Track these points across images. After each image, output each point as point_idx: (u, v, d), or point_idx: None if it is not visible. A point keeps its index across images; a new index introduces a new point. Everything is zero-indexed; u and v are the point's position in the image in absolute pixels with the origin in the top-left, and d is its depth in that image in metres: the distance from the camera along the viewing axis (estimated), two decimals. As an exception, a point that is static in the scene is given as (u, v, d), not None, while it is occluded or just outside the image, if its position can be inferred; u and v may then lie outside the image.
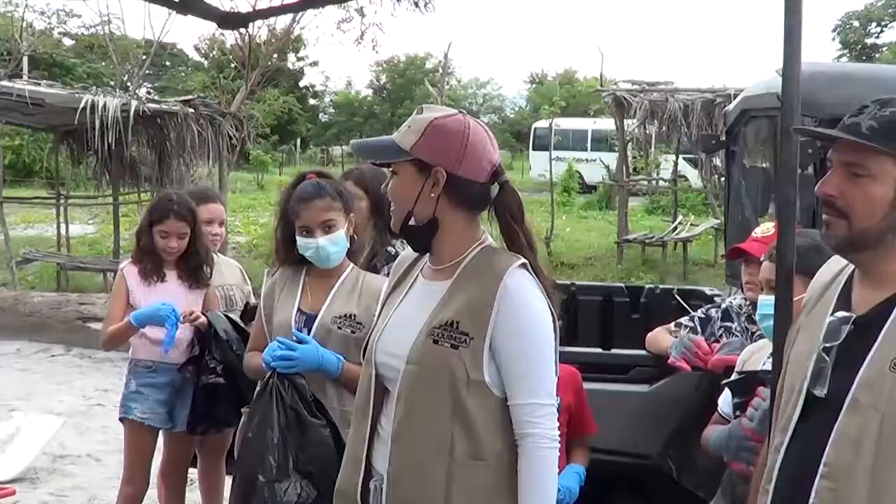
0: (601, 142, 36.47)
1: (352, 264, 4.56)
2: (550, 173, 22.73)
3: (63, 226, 19.71)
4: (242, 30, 20.87)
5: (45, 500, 7.28)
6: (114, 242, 18.80)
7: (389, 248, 4.97)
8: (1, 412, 9.61)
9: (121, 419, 5.60)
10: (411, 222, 3.16)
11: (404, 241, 3.64)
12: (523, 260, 3.10)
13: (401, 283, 3.36)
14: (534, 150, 41.18)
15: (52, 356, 12.54)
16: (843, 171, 2.55)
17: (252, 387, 4.55)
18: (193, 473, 6.25)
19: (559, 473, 4.51)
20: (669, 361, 4.72)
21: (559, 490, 4.43)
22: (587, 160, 36.73)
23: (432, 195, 3.10)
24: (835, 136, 2.58)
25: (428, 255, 3.26)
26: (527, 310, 3.04)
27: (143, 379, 5.50)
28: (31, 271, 17.99)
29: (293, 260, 4.53)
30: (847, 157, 2.55)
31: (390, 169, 3.22)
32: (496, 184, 3.18)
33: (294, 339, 4.26)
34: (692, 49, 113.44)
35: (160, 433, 5.63)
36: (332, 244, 4.41)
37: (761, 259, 4.15)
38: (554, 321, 3.12)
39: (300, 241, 4.42)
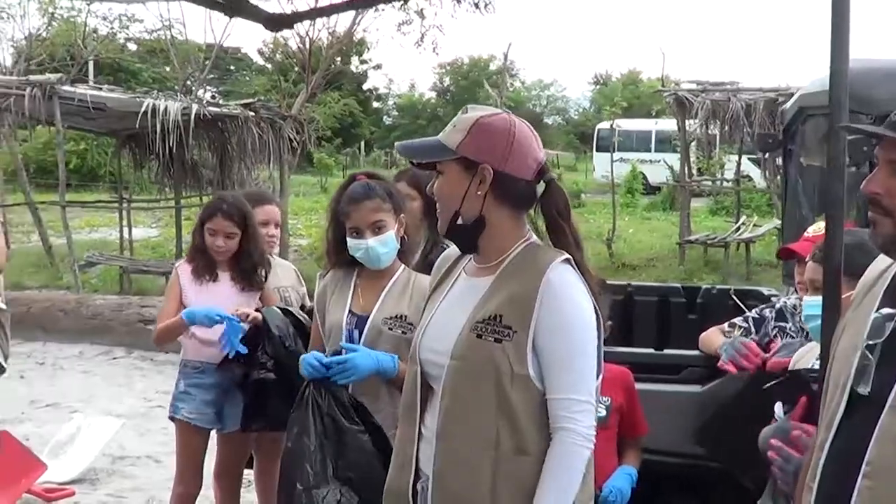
0: (665, 143, 36.18)
1: (403, 265, 4.54)
2: (612, 174, 22.60)
3: (126, 229, 19.92)
4: (302, 33, 20.98)
5: (104, 500, 7.33)
6: (176, 246, 18.97)
7: (445, 246, 4.95)
8: (62, 414, 9.72)
9: (170, 418, 5.64)
10: (459, 221, 3.15)
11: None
12: (567, 255, 3.09)
13: (444, 282, 3.35)
14: (597, 151, 41.06)
15: (114, 359, 12.65)
16: (888, 169, 2.49)
17: None
18: (251, 475, 6.30)
19: (611, 474, 4.53)
20: (719, 364, 4.66)
21: (610, 491, 4.43)
22: (651, 161, 36.57)
23: (479, 193, 3.10)
24: (881, 134, 2.52)
25: (468, 253, 3.25)
26: (569, 304, 3.02)
27: (191, 379, 5.52)
28: (94, 274, 18.15)
29: (344, 261, 4.51)
30: (892, 154, 2.49)
31: (436, 170, 3.21)
32: (542, 182, 3.18)
33: (343, 350, 4.24)
34: (757, 48, 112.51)
35: (213, 434, 5.65)
36: (381, 245, 4.39)
37: (806, 259, 4.09)
38: (598, 318, 3.08)
39: (350, 242, 4.40)
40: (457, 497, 3.06)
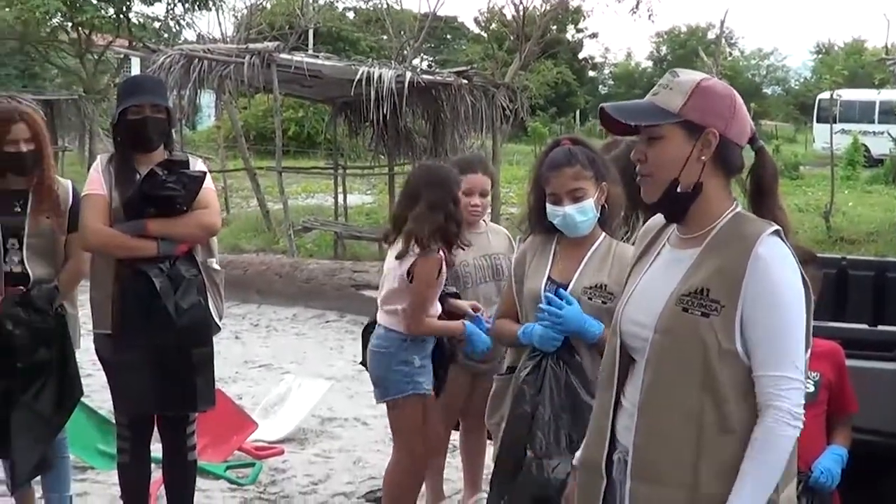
0: (888, 114, 34.89)
1: (604, 233, 4.42)
2: (831, 146, 21.84)
3: (341, 195, 20.25)
4: (517, 1, 20.92)
5: (312, 460, 7.43)
6: (389, 212, 19.15)
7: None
8: (274, 375, 9.94)
9: (407, 396, 5.43)
10: (678, 189, 3.00)
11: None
12: (777, 227, 2.92)
13: (647, 253, 3.22)
14: (817, 122, 39.74)
15: (326, 322, 12.87)
16: None
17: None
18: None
19: (820, 454, 4.34)
20: None
21: (821, 472, 4.25)
22: (874, 133, 35.25)
23: (702, 158, 2.95)
24: None
25: (675, 223, 3.11)
26: (779, 278, 2.86)
27: (423, 353, 5.42)
28: (309, 239, 18.51)
29: (544, 227, 4.43)
30: None
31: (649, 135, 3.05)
32: (752, 148, 3.05)
33: (560, 298, 4.19)
34: None
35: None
36: (579, 213, 4.30)
37: None
38: (807, 292, 2.92)
39: (549, 208, 4.32)
40: (657, 473, 2.96)
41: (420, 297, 5.22)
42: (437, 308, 5.33)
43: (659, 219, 3.22)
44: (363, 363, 5.75)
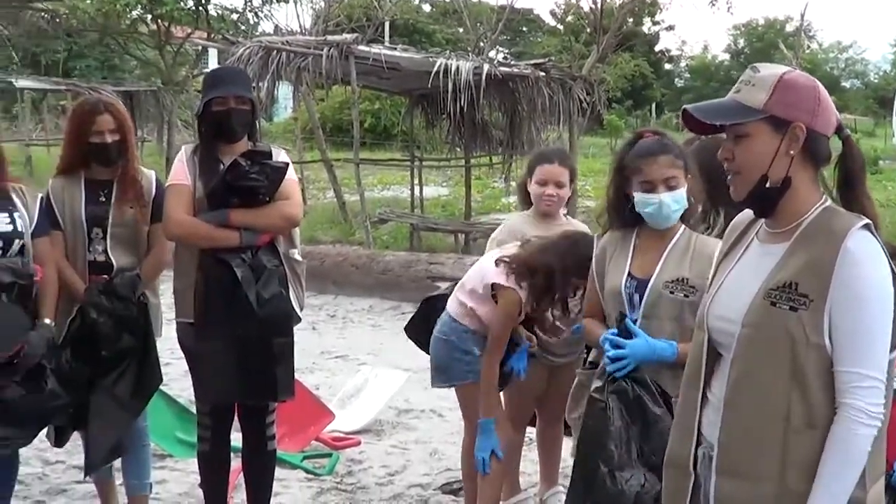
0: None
1: (684, 226, 4.38)
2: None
3: (417, 187, 20.29)
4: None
5: (389, 451, 7.44)
6: (465, 205, 19.17)
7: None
8: (350, 366, 9.98)
9: (466, 384, 5.50)
10: (767, 185, 2.97)
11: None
12: (867, 220, 2.88)
13: (734, 247, 3.19)
14: (897, 116, 39.27)
15: (402, 314, 12.83)
16: None
17: None
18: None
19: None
20: None
21: None
22: (956, 126, 34.74)
23: (791, 152, 2.92)
24: None
25: (763, 218, 3.07)
26: (868, 274, 2.81)
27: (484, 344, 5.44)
28: (385, 231, 18.56)
29: (625, 220, 4.39)
30: None
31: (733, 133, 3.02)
32: (839, 137, 3.00)
33: (625, 332, 4.14)
34: None
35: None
36: (674, 201, 4.27)
37: None
38: None
39: (639, 197, 4.27)
40: (743, 469, 2.94)
41: (499, 336, 5.26)
42: None
43: (746, 214, 3.19)
44: (408, 331, 6.17)
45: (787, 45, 33.68)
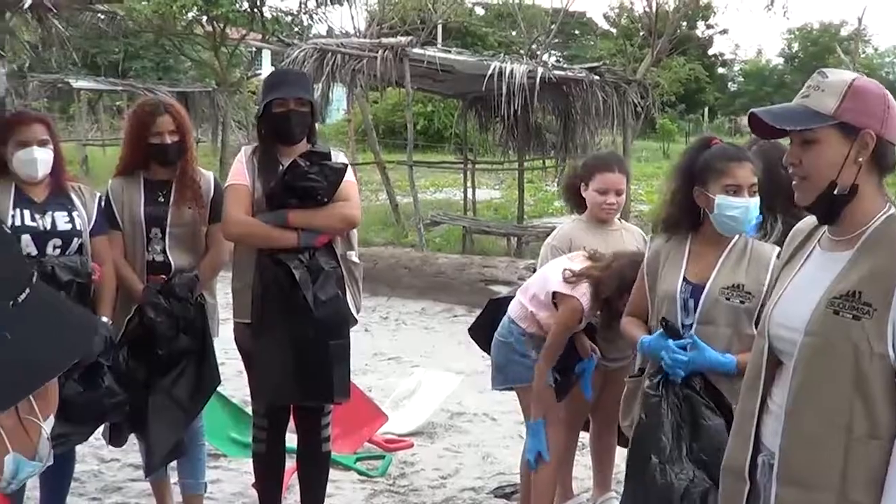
0: None
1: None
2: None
3: (470, 190, 20.27)
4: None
5: (441, 454, 7.43)
6: (518, 208, 19.12)
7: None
8: (403, 368, 9.98)
9: (524, 386, 5.50)
10: (835, 192, 2.93)
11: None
12: None
13: (796, 255, 3.17)
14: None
15: (455, 316, 12.85)
16: None
17: None
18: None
19: None
20: None
21: None
22: None
23: (860, 160, 2.89)
24: None
25: (827, 225, 3.04)
26: None
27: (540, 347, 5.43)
28: (438, 233, 18.56)
29: (683, 226, 4.37)
30: None
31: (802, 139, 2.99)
32: None
33: (688, 345, 4.14)
34: None
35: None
36: (755, 208, 4.29)
37: None
38: None
39: (724, 200, 4.23)
40: (805, 478, 2.90)
41: (554, 343, 5.27)
42: None
43: (808, 221, 3.17)
44: (472, 332, 6.22)
45: (844, 50, 33.33)
